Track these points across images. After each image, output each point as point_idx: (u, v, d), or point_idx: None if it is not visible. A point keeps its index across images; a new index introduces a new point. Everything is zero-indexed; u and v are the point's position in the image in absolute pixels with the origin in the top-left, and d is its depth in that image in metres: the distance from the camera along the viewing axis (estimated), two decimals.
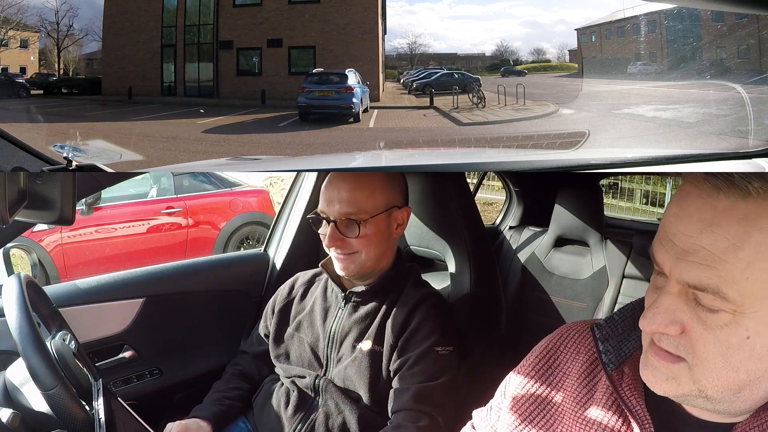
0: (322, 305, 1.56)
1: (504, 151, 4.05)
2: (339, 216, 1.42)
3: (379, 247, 1.48)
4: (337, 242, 1.43)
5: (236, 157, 4.08)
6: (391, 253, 1.55)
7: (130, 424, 1.23)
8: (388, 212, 1.48)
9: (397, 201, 1.51)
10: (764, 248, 0.63)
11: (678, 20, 7.48)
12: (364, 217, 1.43)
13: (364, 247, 1.45)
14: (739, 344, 0.66)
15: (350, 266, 1.47)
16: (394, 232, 1.52)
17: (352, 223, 1.42)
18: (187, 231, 5.62)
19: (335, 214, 1.43)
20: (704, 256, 0.66)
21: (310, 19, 7.10)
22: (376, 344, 1.44)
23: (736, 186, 0.63)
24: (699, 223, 0.66)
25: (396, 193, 1.51)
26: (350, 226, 1.42)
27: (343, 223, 1.43)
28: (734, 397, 0.70)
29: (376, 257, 1.48)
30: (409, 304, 1.46)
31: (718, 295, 0.65)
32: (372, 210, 1.44)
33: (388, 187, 1.48)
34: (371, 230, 1.44)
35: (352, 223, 1.42)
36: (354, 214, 1.42)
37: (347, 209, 1.42)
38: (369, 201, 1.44)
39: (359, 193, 1.43)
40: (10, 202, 0.85)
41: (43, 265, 4.73)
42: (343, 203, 1.42)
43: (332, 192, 1.44)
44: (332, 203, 1.43)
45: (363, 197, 1.43)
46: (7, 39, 7.48)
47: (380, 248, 1.48)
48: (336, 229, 1.43)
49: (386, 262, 1.53)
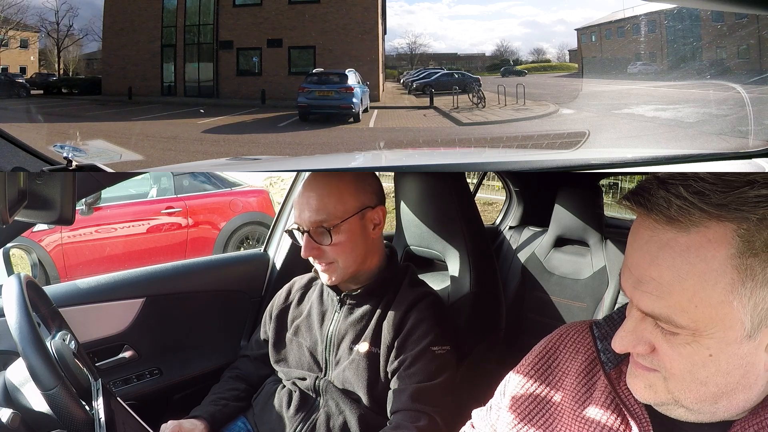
0: (319, 309, 1.56)
1: (504, 151, 4.05)
2: (310, 225, 1.42)
3: (356, 250, 1.46)
4: (312, 251, 1.42)
5: (236, 157, 4.07)
6: (377, 254, 1.53)
7: (129, 424, 1.23)
8: (360, 214, 1.46)
9: (370, 201, 1.49)
10: (709, 276, 0.65)
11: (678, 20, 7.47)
12: (335, 222, 1.41)
13: (340, 255, 1.44)
14: (703, 362, 0.68)
15: (332, 276, 1.46)
16: (372, 233, 1.49)
17: (323, 230, 1.41)
18: (187, 231, 5.62)
19: (307, 223, 1.42)
20: (654, 286, 0.68)
21: (310, 19, 7.09)
22: (373, 346, 1.44)
23: (677, 220, 0.65)
24: (647, 255, 0.69)
25: (368, 194, 1.49)
26: (323, 234, 1.41)
27: (316, 232, 1.42)
28: (713, 407, 0.72)
29: (356, 261, 1.47)
30: (405, 304, 1.46)
31: (670, 323, 0.68)
32: (342, 214, 1.43)
33: (357, 188, 1.47)
34: (344, 236, 1.43)
35: (323, 231, 1.41)
36: (324, 221, 1.41)
37: (317, 217, 1.41)
38: (338, 206, 1.43)
39: (327, 199, 1.42)
40: (10, 202, 0.85)
41: (43, 265, 4.73)
42: (313, 211, 1.41)
43: (302, 201, 1.43)
44: (303, 212, 1.42)
45: (332, 203, 1.42)
46: (7, 39, 7.47)
47: (357, 252, 1.46)
48: (310, 238, 1.42)
49: (374, 263, 1.52)
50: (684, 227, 0.65)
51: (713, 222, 0.64)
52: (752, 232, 0.63)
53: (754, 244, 0.64)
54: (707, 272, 0.65)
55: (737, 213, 0.63)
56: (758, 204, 0.63)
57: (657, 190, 0.67)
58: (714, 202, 0.64)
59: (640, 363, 0.74)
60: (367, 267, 1.51)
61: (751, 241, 0.64)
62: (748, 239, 0.64)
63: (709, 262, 0.65)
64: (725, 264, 0.64)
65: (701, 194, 0.64)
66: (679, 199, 0.65)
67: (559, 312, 2.39)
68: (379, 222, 1.51)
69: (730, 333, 0.66)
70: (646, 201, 0.68)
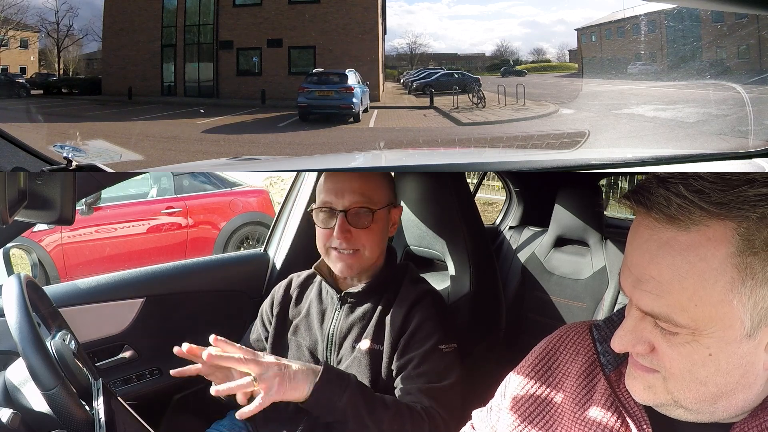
0: (318, 308, 1.55)
1: (504, 151, 4.05)
2: (351, 205, 1.40)
3: (381, 243, 1.48)
4: (345, 234, 1.41)
5: (236, 157, 4.08)
6: (384, 253, 1.55)
7: (130, 424, 1.23)
8: (389, 207, 1.49)
9: (394, 199, 1.53)
10: (708, 275, 0.65)
11: (678, 20, 7.47)
12: (375, 206, 1.42)
13: (368, 243, 1.43)
14: (702, 361, 0.68)
15: (354, 265, 1.45)
16: (390, 230, 1.53)
17: (364, 212, 1.41)
18: (187, 231, 5.62)
19: (346, 204, 1.40)
20: (653, 285, 0.68)
21: (310, 19, 7.09)
22: (376, 343, 1.43)
23: (677, 219, 0.65)
24: (647, 254, 0.69)
25: (393, 192, 1.53)
26: (362, 216, 1.41)
27: (355, 213, 1.41)
28: (712, 408, 0.71)
29: (376, 254, 1.48)
30: (408, 301, 1.45)
31: (670, 323, 0.68)
32: (380, 202, 1.45)
33: (388, 184, 1.51)
34: (377, 224, 1.44)
35: (364, 213, 1.41)
36: (366, 203, 1.41)
37: (359, 198, 1.41)
38: (379, 192, 1.45)
39: (370, 183, 1.43)
40: (10, 202, 0.85)
41: (43, 265, 4.73)
42: (355, 193, 1.40)
43: (341, 183, 1.42)
44: (342, 194, 1.41)
45: (373, 188, 1.44)
46: (7, 39, 7.47)
47: (382, 245, 1.49)
48: (346, 219, 1.41)
49: (381, 260, 1.54)
50: (684, 226, 0.65)
51: (713, 221, 0.64)
52: (752, 230, 0.63)
53: (754, 242, 0.63)
54: (707, 271, 0.65)
55: (737, 211, 0.63)
56: (758, 203, 0.63)
57: (657, 189, 0.66)
58: (714, 201, 0.63)
59: (640, 363, 0.74)
60: (377, 263, 1.52)
61: (751, 240, 0.64)
62: (747, 238, 0.64)
63: (709, 260, 0.65)
64: (725, 263, 0.64)
65: (701, 193, 0.64)
66: (679, 197, 0.64)
67: (559, 312, 2.39)
68: (395, 222, 1.54)
69: (729, 332, 0.66)
70: (646, 200, 0.67)
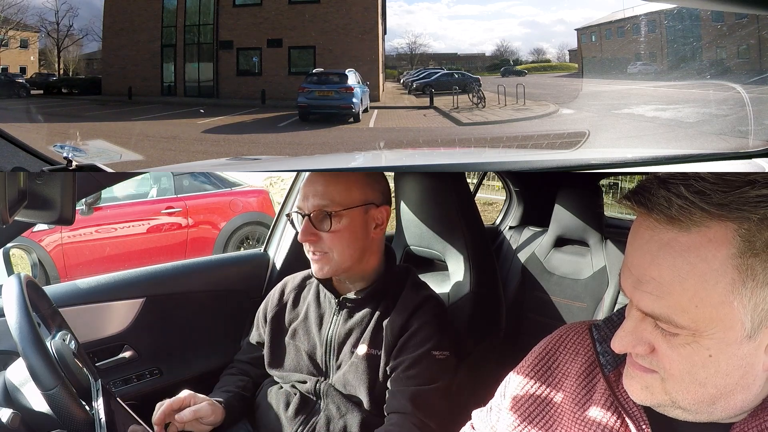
0: (317, 312, 1.54)
1: (504, 151, 4.05)
2: (313, 209, 1.42)
3: (353, 245, 1.45)
4: (309, 237, 1.42)
5: (236, 157, 4.07)
6: (376, 255, 1.52)
7: (129, 424, 1.23)
8: (364, 208, 1.45)
9: (376, 199, 1.48)
10: (709, 276, 0.65)
11: (678, 20, 7.47)
12: (337, 208, 1.42)
13: (336, 246, 1.43)
14: (702, 362, 0.68)
15: (324, 267, 1.45)
16: (373, 232, 1.49)
17: (324, 215, 1.42)
18: (187, 231, 5.62)
19: (309, 207, 1.43)
20: (654, 286, 0.68)
21: (310, 19, 7.09)
22: (374, 347, 1.43)
23: (678, 220, 0.65)
24: (647, 255, 0.69)
25: (375, 191, 1.49)
26: (323, 219, 1.42)
27: (317, 216, 1.42)
28: (710, 408, 0.71)
29: (351, 257, 1.45)
30: (409, 307, 1.45)
31: (670, 324, 0.68)
32: (345, 203, 1.43)
33: (365, 183, 1.47)
34: (344, 225, 1.42)
35: (324, 216, 1.42)
36: (327, 206, 1.42)
37: (320, 201, 1.42)
38: (343, 194, 1.43)
39: (333, 186, 1.43)
40: (10, 202, 0.85)
41: (43, 265, 4.73)
42: (317, 196, 1.42)
43: (308, 187, 1.45)
44: (307, 197, 1.44)
45: (337, 190, 1.43)
46: (7, 39, 7.47)
47: (355, 247, 1.45)
48: (310, 222, 1.42)
49: (372, 264, 1.51)
50: (685, 227, 0.65)
51: (714, 222, 0.64)
52: (753, 232, 0.63)
53: (755, 244, 0.63)
54: (708, 272, 0.65)
55: (738, 213, 0.63)
56: (759, 204, 0.63)
57: (658, 190, 0.66)
58: (715, 202, 0.63)
59: (638, 364, 0.74)
60: (365, 267, 1.50)
61: (751, 241, 0.63)
62: (748, 239, 0.63)
63: (710, 261, 0.65)
64: (726, 264, 0.64)
65: (702, 194, 0.64)
66: (680, 198, 0.64)
67: (559, 312, 2.39)
68: (382, 222, 1.50)
69: (730, 333, 0.66)
70: (647, 200, 0.67)
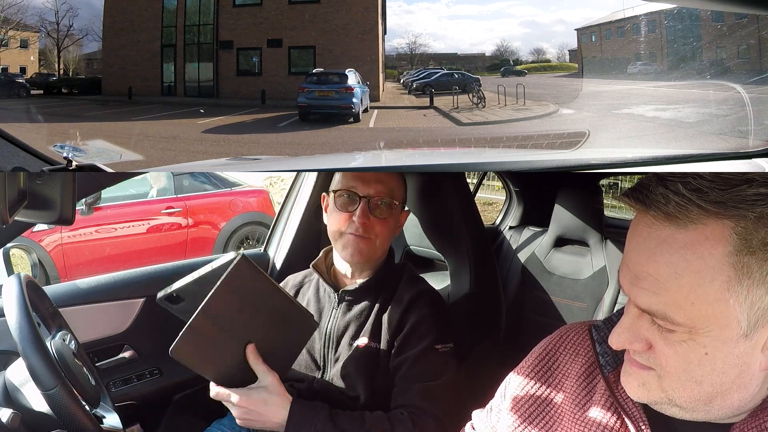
0: (316, 306, 1.55)
1: (504, 151, 4.05)
2: (376, 194, 1.44)
3: (390, 238, 1.51)
4: (366, 220, 1.43)
5: (236, 157, 4.08)
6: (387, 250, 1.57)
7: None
8: (402, 207, 1.53)
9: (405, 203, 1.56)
10: (705, 273, 0.65)
11: (678, 20, 7.48)
12: (396, 200, 1.47)
13: (381, 233, 1.46)
14: (698, 360, 0.68)
15: (364, 250, 1.45)
16: (396, 230, 1.54)
17: (386, 203, 1.45)
18: (187, 231, 5.62)
19: (371, 192, 1.44)
20: (651, 283, 0.68)
21: (310, 19, 7.10)
22: (372, 340, 1.44)
23: (675, 217, 0.66)
24: (645, 251, 0.69)
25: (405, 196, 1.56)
26: (386, 207, 1.45)
27: (377, 203, 1.44)
28: (707, 407, 0.72)
29: (384, 249, 1.51)
30: (405, 300, 1.45)
31: (667, 320, 0.68)
32: (400, 198, 1.50)
33: (405, 187, 1.55)
34: (394, 218, 1.48)
35: (386, 204, 1.45)
36: (389, 195, 1.46)
37: (384, 188, 1.45)
38: (401, 188, 1.51)
39: (394, 180, 1.49)
40: (10, 202, 0.85)
41: (43, 265, 4.72)
42: (381, 182, 1.45)
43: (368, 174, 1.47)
44: (369, 183, 1.44)
45: (396, 185, 1.49)
46: (7, 39, 7.48)
47: (389, 240, 1.51)
48: (368, 206, 1.44)
49: (383, 257, 1.55)
50: (682, 224, 0.66)
51: (711, 219, 0.64)
52: (750, 230, 0.64)
53: (752, 242, 0.64)
54: (704, 269, 0.65)
55: (735, 211, 0.63)
56: (756, 202, 0.63)
57: (656, 187, 0.67)
58: (712, 200, 0.64)
59: (636, 361, 0.75)
60: (380, 260, 1.53)
61: (748, 239, 0.64)
62: (745, 237, 0.64)
63: (706, 259, 0.65)
64: (722, 261, 0.64)
65: (700, 191, 0.64)
66: (677, 195, 0.65)
67: (559, 312, 2.39)
68: (401, 225, 1.57)
69: (726, 331, 0.66)
70: (645, 197, 0.68)
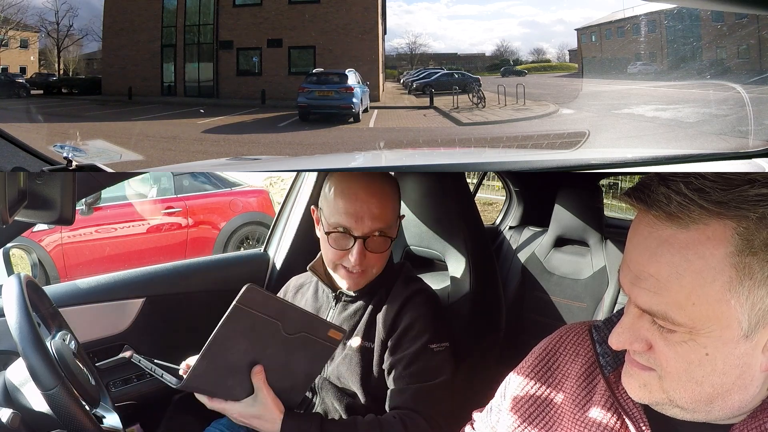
0: (314, 306, 1.56)
1: (504, 151, 4.05)
2: (370, 232, 1.38)
3: (386, 261, 1.47)
4: (361, 259, 1.39)
5: (236, 157, 4.08)
6: None
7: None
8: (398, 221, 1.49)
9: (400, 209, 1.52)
10: (706, 273, 0.65)
11: (678, 20, 7.48)
12: (392, 232, 1.42)
13: (377, 264, 1.43)
14: (699, 360, 0.68)
15: (360, 282, 1.45)
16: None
17: (383, 239, 1.40)
18: (187, 231, 5.62)
19: (365, 230, 1.38)
20: (652, 283, 0.68)
21: (310, 19, 7.10)
22: (366, 340, 1.43)
23: (677, 217, 0.65)
24: (646, 251, 0.69)
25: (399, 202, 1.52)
26: (381, 243, 1.40)
27: (375, 240, 1.39)
28: (708, 408, 0.71)
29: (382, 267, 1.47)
30: (399, 300, 1.44)
31: (667, 320, 0.68)
32: (395, 223, 1.44)
33: (398, 197, 1.49)
34: (389, 248, 1.44)
35: (382, 240, 1.40)
36: (385, 230, 1.40)
37: (379, 225, 1.38)
38: (394, 213, 1.44)
39: (386, 208, 1.41)
40: (10, 202, 0.85)
41: (43, 265, 4.73)
42: (375, 219, 1.38)
43: (361, 207, 1.38)
44: (362, 219, 1.37)
45: (389, 212, 1.42)
46: (7, 39, 7.48)
47: (387, 257, 1.48)
48: (363, 245, 1.39)
49: None
50: (683, 224, 0.65)
51: (713, 219, 0.64)
52: (751, 230, 0.63)
53: (753, 242, 0.63)
54: (705, 269, 0.65)
55: (737, 211, 0.63)
56: (758, 203, 0.63)
57: (658, 187, 0.67)
58: (714, 200, 0.63)
59: (636, 361, 0.74)
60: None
61: (750, 240, 0.63)
62: (747, 238, 0.64)
63: (708, 259, 0.65)
64: (723, 262, 0.64)
65: (702, 191, 0.64)
66: (679, 195, 0.64)
67: (559, 312, 2.39)
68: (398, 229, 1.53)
69: (727, 332, 0.66)
70: (647, 197, 0.68)
